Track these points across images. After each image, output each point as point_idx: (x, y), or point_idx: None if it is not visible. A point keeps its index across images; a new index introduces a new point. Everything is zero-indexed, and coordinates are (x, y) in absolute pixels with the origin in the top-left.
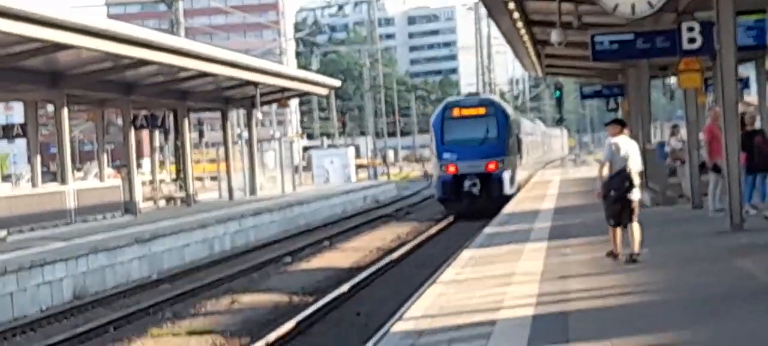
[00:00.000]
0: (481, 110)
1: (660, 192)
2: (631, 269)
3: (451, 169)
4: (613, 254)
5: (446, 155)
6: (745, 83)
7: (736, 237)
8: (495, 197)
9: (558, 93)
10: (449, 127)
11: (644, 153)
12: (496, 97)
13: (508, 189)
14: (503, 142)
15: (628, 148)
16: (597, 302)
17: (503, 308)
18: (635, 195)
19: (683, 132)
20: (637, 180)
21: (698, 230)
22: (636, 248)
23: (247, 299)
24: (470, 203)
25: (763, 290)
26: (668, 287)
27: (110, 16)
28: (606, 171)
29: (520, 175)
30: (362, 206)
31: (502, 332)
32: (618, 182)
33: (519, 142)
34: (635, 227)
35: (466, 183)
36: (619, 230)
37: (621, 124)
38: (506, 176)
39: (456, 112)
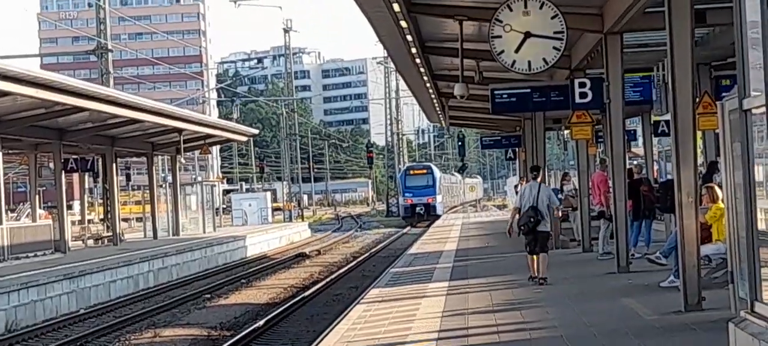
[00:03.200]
0: (424, 171)
1: (552, 236)
2: (527, 305)
3: (410, 201)
4: (531, 278)
5: (407, 194)
6: (632, 135)
7: (623, 278)
8: (432, 215)
9: (460, 142)
10: (408, 180)
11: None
12: (433, 164)
13: (439, 211)
14: (435, 187)
15: (536, 189)
16: (494, 337)
17: (407, 342)
18: (542, 227)
19: (574, 180)
20: (545, 216)
21: (589, 271)
22: (542, 272)
23: (169, 332)
24: (418, 218)
25: (648, 326)
26: (562, 324)
27: (44, 66)
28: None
29: (446, 205)
30: (278, 245)
31: None
32: (525, 218)
33: (443, 187)
34: (542, 256)
35: (417, 208)
36: (533, 257)
37: (534, 170)
38: (438, 205)
39: (412, 171)
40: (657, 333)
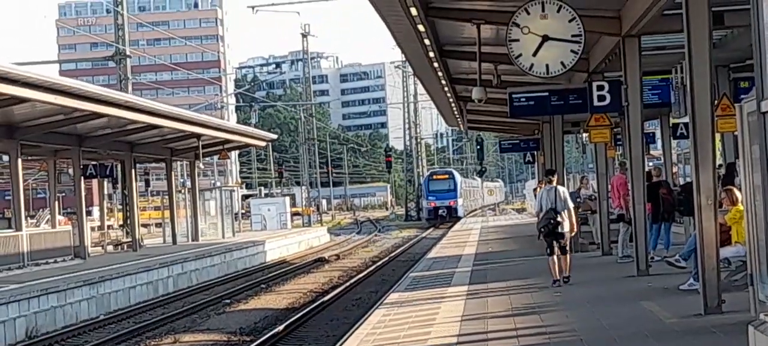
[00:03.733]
0: (446, 176)
1: (572, 239)
2: (546, 309)
3: (433, 204)
4: (554, 281)
5: (430, 197)
6: (651, 138)
7: (643, 281)
8: (453, 216)
9: (479, 146)
10: (431, 184)
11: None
12: (454, 170)
13: (460, 213)
14: (456, 191)
15: (553, 193)
16: (513, 341)
17: None
18: (562, 229)
19: (593, 183)
20: (564, 217)
21: (608, 274)
22: (567, 271)
23: (189, 338)
24: (441, 220)
25: (668, 329)
26: (582, 328)
27: (62, 72)
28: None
29: (467, 207)
30: (297, 250)
31: None
32: (544, 221)
33: (464, 190)
34: (567, 256)
35: (440, 211)
36: (554, 259)
37: (550, 174)
38: (460, 207)
39: (434, 176)
40: (677, 336)
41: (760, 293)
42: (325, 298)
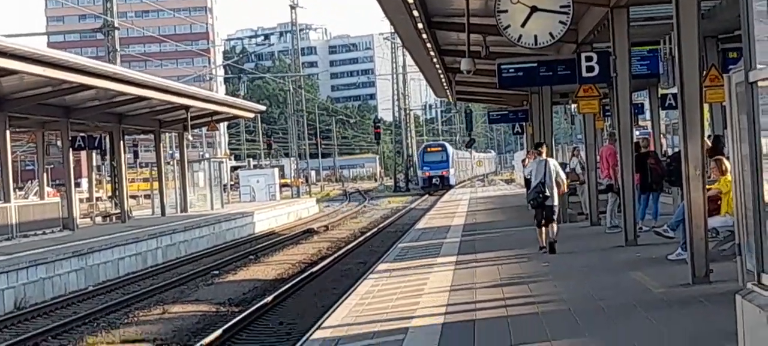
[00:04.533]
0: (439, 148)
1: (561, 210)
2: (535, 279)
3: (427, 174)
4: (541, 248)
5: (425, 167)
6: (639, 109)
7: (631, 251)
8: (446, 185)
9: (467, 117)
10: (426, 156)
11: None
12: (446, 143)
13: (452, 182)
14: (449, 162)
15: (544, 166)
16: (502, 311)
17: (415, 317)
18: (550, 202)
19: (582, 154)
20: (553, 190)
21: (597, 244)
22: (553, 237)
23: (177, 309)
24: (434, 188)
25: (656, 299)
26: (570, 298)
27: (50, 44)
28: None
29: (459, 177)
30: (286, 221)
31: (414, 340)
32: (533, 193)
33: (455, 161)
34: (553, 225)
35: (433, 180)
36: (542, 230)
37: (538, 146)
38: (451, 176)
39: (429, 149)
40: (664, 306)
41: (747, 263)
42: (314, 269)
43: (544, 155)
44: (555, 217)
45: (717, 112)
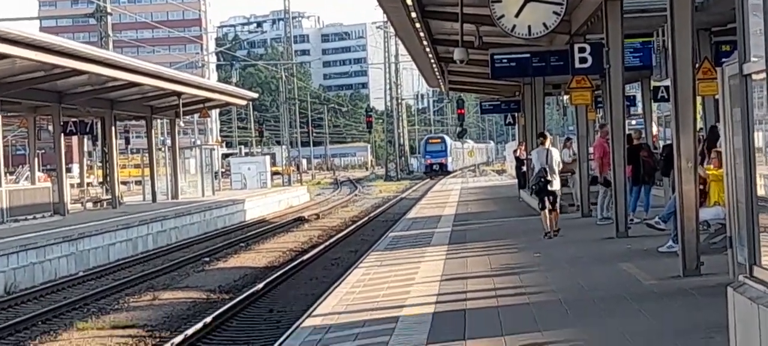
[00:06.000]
0: (439, 140)
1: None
2: (525, 270)
3: (429, 161)
4: (545, 234)
5: (427, 156)
6: (632, 101)
7: (622, 243)
8: (444, 171)
9: (458, 107)
10: (427, 146)
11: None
12: (445, 135)
13: (450, 169)
14: (447, 152)
15: (545, 154)
16: (492, 301)
17: (406, 306)
18: (553, 186)
19: (575, 146)
20: (555, 176)
21: (588, 236)
22: (556, 225)
23: (168, 295)
24: (435, 173)
25: (647, 291)
26: (560, 288)
27: (43, 29)
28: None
29: (456, 165)
30: (277, 209)
31: (405, 328)
32: (536, 179)
33: (453, 151)
34: (556, 212)
35: (434, 166)
36: (545, 213)
37: (541, 136)
38: (449, 164)
39: (430, 140)
40: (655, 298)
41: (738, 256)
42: (305, 257)
43: (546, 144)
44: (558, 202)
45: (709, 105)
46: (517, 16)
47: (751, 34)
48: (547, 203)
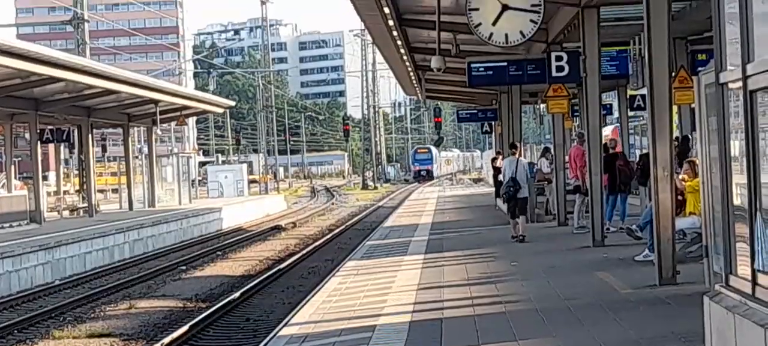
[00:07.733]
0: (426, 150)
1: (529, 209)
2: (502, 279)
3: (417, 168)
4: (513, 237)
5: (415, 163)
6: (608, 110)
7: (598, 252)
8: (431, 177)
9: (436, 115)
10: (416, 155)
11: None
12: (431, 146)
13: (435, 175)
14: (432, 160)
15: (514, 164)
16: (469, 310)
17: (383, 315)
18: (521, 195)
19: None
20: (524, 184)
21: (564, 245)
22: (522, 231)
23: (144, 304)
24: (422, 179)
25: (623, 300)
26: (537, 297)
27: (19, 36)
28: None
29: (441, 172)
30: (254, 218)
31: (381, 337)
32: (505, 188)
33: (438, 160)
34: (522, 218)
35: (422, 172)
36: (515, 220)
37: (513, 147)
38: (435, 171)
39: (419, 150)
40: (631, 307)
41: (714, 265)
42: (282, 266)
43: (517, 155)
44: (527, 207)
45: (685, 113)
46: (494, 24)
47: (727, 42)
48: (516, 211)
